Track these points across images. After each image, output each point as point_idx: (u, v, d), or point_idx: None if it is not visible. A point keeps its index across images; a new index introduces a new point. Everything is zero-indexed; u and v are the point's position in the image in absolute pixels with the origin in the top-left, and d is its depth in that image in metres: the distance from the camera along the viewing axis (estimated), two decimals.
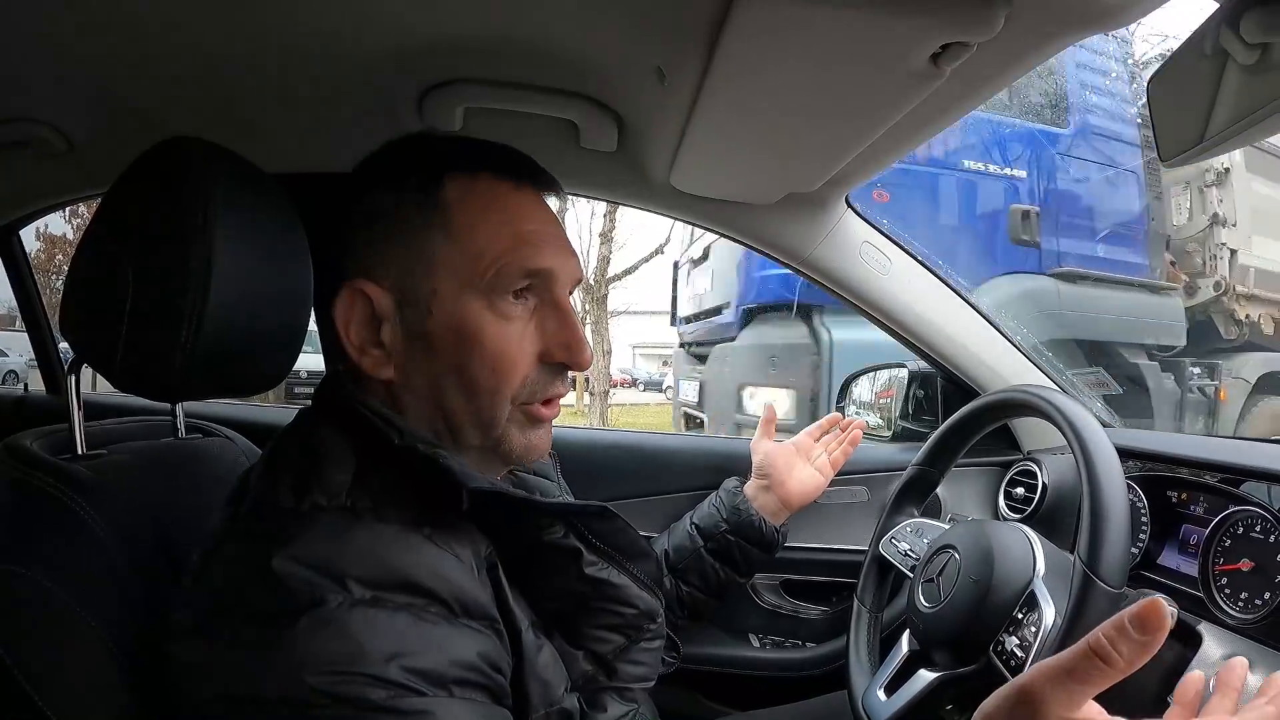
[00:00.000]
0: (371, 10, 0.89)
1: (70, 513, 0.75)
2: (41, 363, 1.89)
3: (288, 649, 0.59)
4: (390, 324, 0.74)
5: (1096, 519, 0.83)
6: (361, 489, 0.68)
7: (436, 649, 0.62)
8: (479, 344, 0.73)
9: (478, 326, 0.73)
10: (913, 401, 1.67)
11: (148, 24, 0.92)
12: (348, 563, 0.62)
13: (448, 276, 0.73)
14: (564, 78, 1.04)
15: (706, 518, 1.24)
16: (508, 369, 0.74)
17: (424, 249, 0.73)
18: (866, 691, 1.03)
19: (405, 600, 0.63)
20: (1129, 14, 0.69)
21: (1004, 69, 0.80)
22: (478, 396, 0.74)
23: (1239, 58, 0.63)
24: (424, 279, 0.73)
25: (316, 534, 0.64)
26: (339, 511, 0.66)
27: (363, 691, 0.58)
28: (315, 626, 0.59)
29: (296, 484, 0.68)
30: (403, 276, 0.73)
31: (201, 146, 0.78)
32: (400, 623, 0.62)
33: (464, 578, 0.67)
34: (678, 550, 1.21)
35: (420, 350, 0.74)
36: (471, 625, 0.66)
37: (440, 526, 0.69)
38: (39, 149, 1.23)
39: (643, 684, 0.86)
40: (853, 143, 0.99)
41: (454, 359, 0.73)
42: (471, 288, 0.73)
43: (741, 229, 1.38)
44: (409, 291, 0.73)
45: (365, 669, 0.58)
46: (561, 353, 0.77)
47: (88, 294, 0.79)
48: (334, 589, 0.61)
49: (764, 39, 0.73)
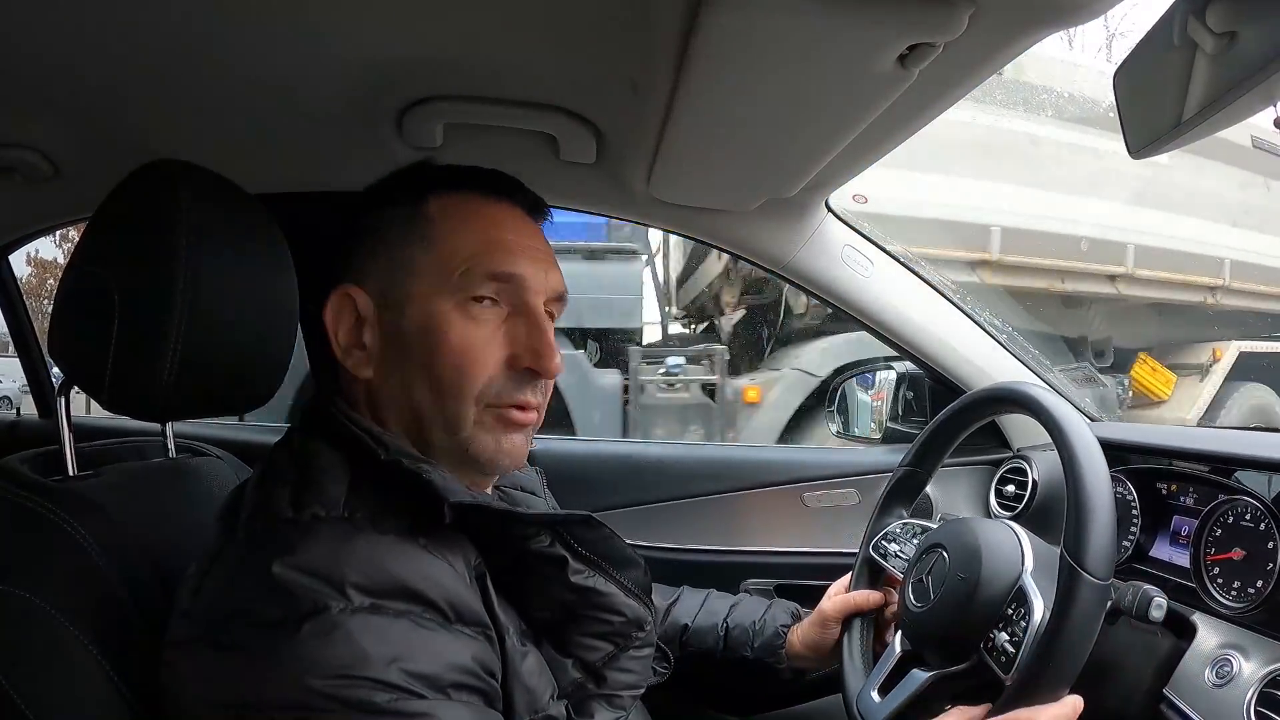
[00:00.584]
0: (348, 30, 0.90)
1: (62, 533, 0.75)
2: (33, 387, 1.89)
3: (291, 655, 0.60)
4: (370, 326, 0.77)
5: (1080, 510, 0.82)
6: (358, 500, 0.70)
7: (434, 654, 0.64)
8: (444, 342, 0.75)
9: (444, 326, 0.75)
10: (901, 402, 1.67)
11: (132, 48, 0.93)
12: (347, 571, 0.63)
13: (422, 280, 0.76)
14: (540, 91, 1.05)
15: (740, 632, 1.17)
16: (470, 367, 0.76)
17: (405, 257, 0.77)
18: (860, 693, 1.02)
19: (404, 607, 0.64)
20: (1093, 9, 0.70)
21: (973, 68, 0.81)
22: (443, 395, 0.76)
23: (1206, 47, 0.64)
24: (402, 284, 0.76)
25: (316, 543, 0.65)
26: (338, 522, 0.68)
27: (367, 695, 0.60)
28: (318, 633, 0.61)
29: (294, 496, 0.69)
30: (384, 281, 0.77)
31: (184, 168, 0.79)
32: (400, 628, 0.63)
33: (457, 585, 0.69)
34: (697, 633, 1.17)
35: (395, 350, 0.77)
36: (465, 631, 0.67)
37: (433, 536, 0.70)
38: (26, 174, 1.24)
39: (632, 692, 0.86)
40: (827, 146, 1.00)
41: (422, 357, 0.75)
42: (442, 290, 0.76)
43: (722, 236, 1.39)
44: (388, 295, 0.77)
45: (369, 673, 0.60)
46: (529, 358, 0.78)
47: (75, 317, 0.80)
48: (335, 596, 0.62)
49: (732, 46, 0.74)
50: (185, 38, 0.90)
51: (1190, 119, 0.68)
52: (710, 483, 1.47)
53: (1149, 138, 0.74)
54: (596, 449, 1.73)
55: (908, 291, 1.44)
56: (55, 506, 0.77)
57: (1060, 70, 5.27)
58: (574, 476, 1.26)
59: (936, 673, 0.93)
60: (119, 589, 0.76)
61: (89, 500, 0.80)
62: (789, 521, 1.29)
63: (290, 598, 0.62)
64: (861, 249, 1.40)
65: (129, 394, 0.78)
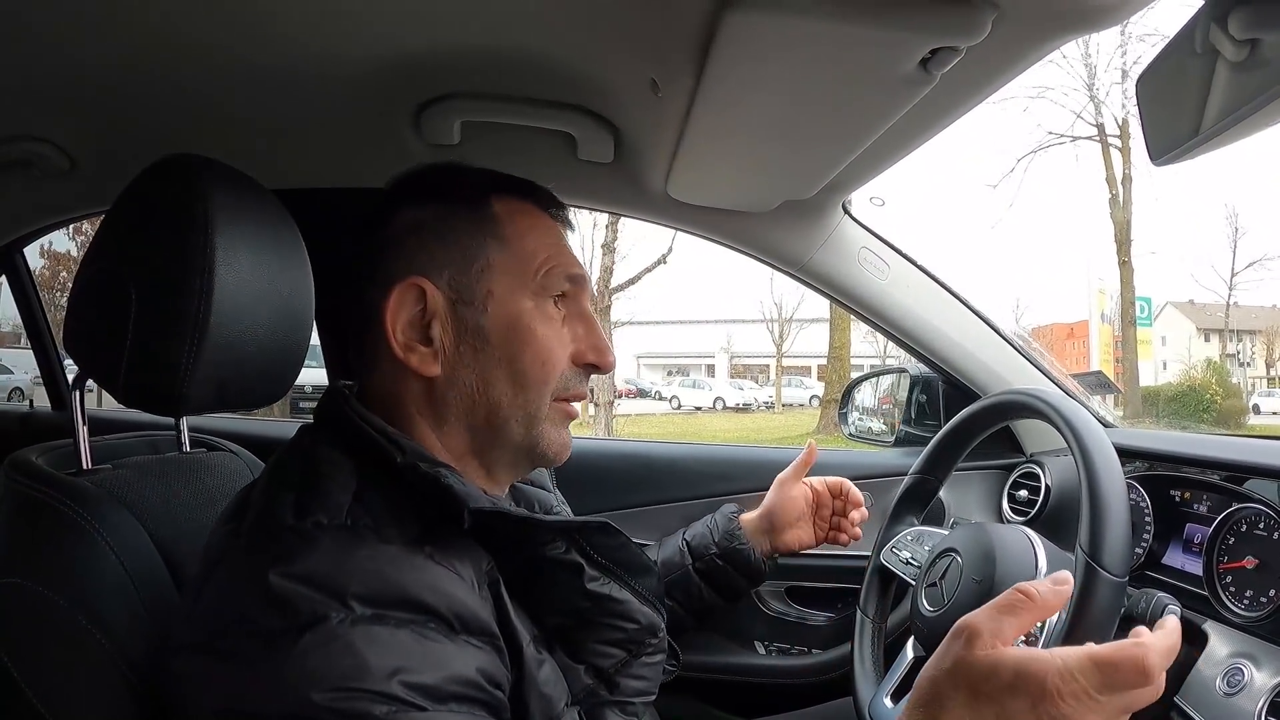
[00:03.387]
0: (367, 27, 0.90)
1: (75, 526, 0.75)
2: (46, 379, 1.90)
3: (290, 666, 0.60)
4: (441, 321, 0.77)
5: (1096, 509, 0.83)
6: (362, 508, 0.69)
7: (437, 665, 0.63)
8: (531, 339, 0.78)
9: (529, 323, 0.79)
10: (915, 406, 1.66)
11: (149, 42, 0.93)
12: (348, 580, 0.63)
13: (502, 277, 0.79)
14: (559, 90, 1.05)
15: (698, 537, 1.23)
16: (553, 363, 0.80)
17: (478, 252, 0.79)
18: (874, 699, 1.02)
19: (406, 617, 0.63)
20: (1118, 14, 0.70)
21: (996, 72, 0.81)
22: (526, 389, 0.79)
23: (1228, 55, 0.63)
24: (478, 279, 0.78)
25: (318, 552, 0.65)
26: (340, 530, 0.67)
27: (366, 707, 0.59)
28: (318, 644, 0.60)
29: (298, 502, 0.69)
30: (457, 276, 0.78)
31: (201, 163, 0.79)
32: (401, 639, 0.62)
33: (464, 594, 0.68)
34: (666, 564, 1.21)
35: (471, 346, 0.78)
36: (472, 641, 0.67)
37: (441, 544, 0.70)
38: (42, 167, 1.25)
39: (644, 698, 0.86)
40: (846, 149, 1.00)
41: (506, 352, 0.78)
42: (523, 288, 0.79)
43: (739, 238, 1.38)
44: (464, 290, 0.78)
45: (368, 685, 0.59)
46: (592, 354, 0.83)
47: (91, 310, 0.80)
48: (335, 606, 0.61)
49: (753, 49, 0.74)
50: (202, 32, 0.90)
51: (1212, 127, 0.68)
52: (720, 483, 1.46)
53: (1170, 146, 0.73)
54: (606, 447, 1.73)
55: (924, 295, 1.43)
56: (69, 500, 0.77)
57: None
58: (582, 475, 1.25)
59: None
60: (132, 582, 0.76)
61: (103, 494, 0.80)
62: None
63: (289, 608, 0.61)
64: (878, 251, 1.39)
65: (144, 388, 0.78)
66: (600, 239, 12.29)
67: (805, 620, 1.53)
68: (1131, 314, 15.34)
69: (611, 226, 11.85)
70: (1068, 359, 21.20)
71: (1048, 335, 21.92)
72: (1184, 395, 14.88)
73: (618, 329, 13.10)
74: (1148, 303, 16.44)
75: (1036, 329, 22.44)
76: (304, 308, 0.87)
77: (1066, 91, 16.41)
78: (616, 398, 13.30)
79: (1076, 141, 15.89)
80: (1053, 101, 17.49)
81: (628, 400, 21.31)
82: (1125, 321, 15.40)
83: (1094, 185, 15.46)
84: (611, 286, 12.25)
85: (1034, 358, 1.48)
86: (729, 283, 32.36)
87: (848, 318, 11.65)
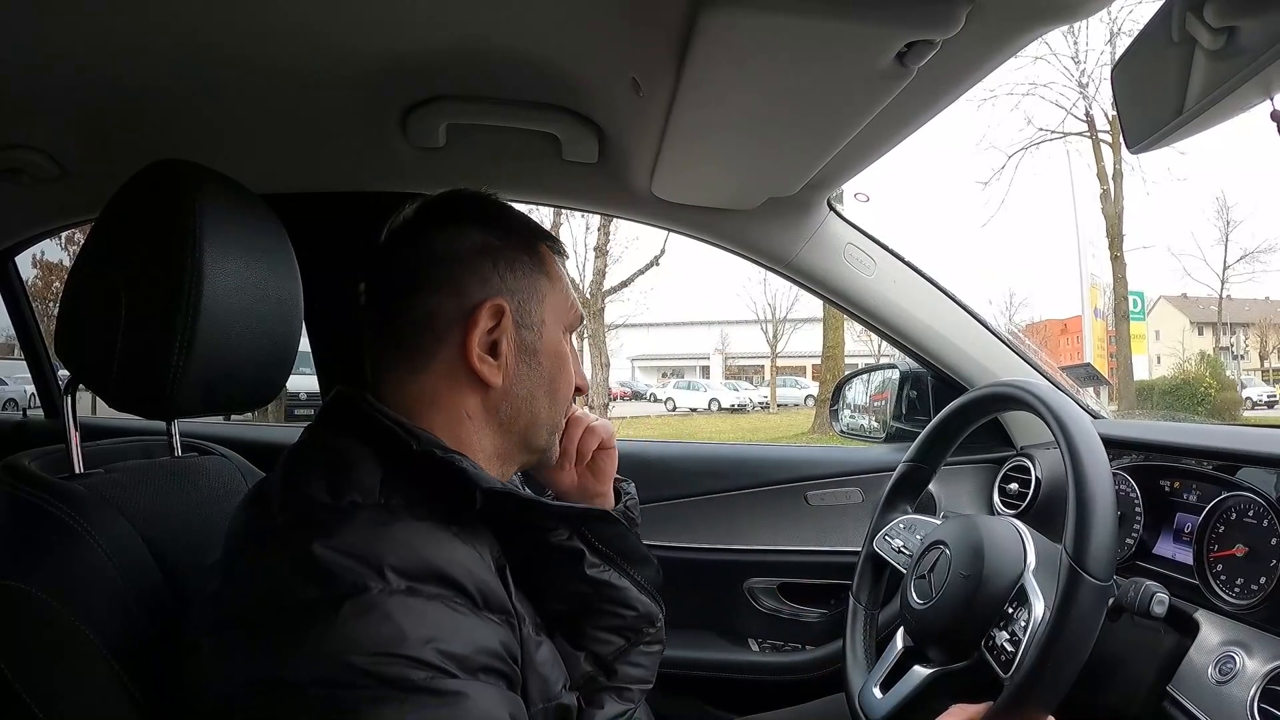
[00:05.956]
0: (353, 31, 0.91)
1: (69, 529, 0.76)
2: (39, 387, 1.90)
3: (330, 633, 0.62)
4: (509, 339, 0.83)
5: (1082, 511, 0.83)
6: (393, 489, 0.72)
7: (465, 637, 0.66)
8: (565, 364, 0.88)
9: (564, 352, 0.88)
10: (905, 402, 1.67)
11: (137, 50, 0.94)
12: (385, 553, 0.66)
13: (550, 310, 0.87)
14: (543, 91, 1.06)
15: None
16: (571, 386, 0.90)
17: (536, 286, 0.86)
18: (863, 689, 1.03)
19: (437, 591, 0.67)
20: (1091, 6, 0.71)
21: (973, 65, 0.81)
22: (557, 405, 0.88)
23: (1205, 42, 0.64)
24: (535, 308, 0.85)
25: (355, 527, 0.68)
26: (375, 508, 0.70)
27: (404, 672, 0.61)
28: (358, 612, 0.63)
29: (331, 484, 0.72)
30: (524, 303, 0.85)
31: (190, 168, 0.80)
32: (435, 611, 0.66)
33: (485, 573, 0.72)
34: None
35: (526, 364, 0.85)
36: (492, 617, 0.70)
37: (463, 525, 0.74)
38: (32, 175, 1.25)
39: (641, 686, 0.89)
40: (828, 145, 1.01)
41: (549, 373, 0.86)
42: (559, 321, 0.88)
43: (725, 236, 1.39)
44: (525, 316, 0.85)
45: (406, 651, 0.62)
46: (580, 380, 0.91)
47: (82, 316, 0.81)
48: (374, 577, 0.64)
49: (731, 47, 0.75)
50: (190, 39, 0.91)
51: (1189, 113, 0.69)
52: (713, 481, 1.47)
53: (1148, 133, 0.74)
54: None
55: (911, 290, 1.44)
56: (62, 503, 0.77)
57: None
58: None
59: (937, 670, 0.94)
60: (125, 585, 0.76)
61: (96, 497, 0.80)
62: (792, 520, 1.30)
63: (331, 577, 0.64)
64: (864, 247, 1.40)
65: (135, 391, 0.79)
66: (592, 242, 12.30)
67: (798, 617, 1.53)
68: (1124, 309, 15.33)
69: (603, 229, 11.86)
70: (1061, 354, 21.22)
71: (1041, 331, 21.87)
72: (1178, 389, 14.90)
73: (611, 332, 13.09)
74: (1141, 297, 16.40)
75: (1030, 325, 22.43)
76: (293, 311, 0.88)
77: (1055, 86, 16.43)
78: (611, 400, 13.31)
79: (1067, 138, 15.93)
80: (1042, 98, 17.51)
81: (623, 402, 21.29)
82: (1118, 316, 15.40)
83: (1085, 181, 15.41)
84: (604, 289, 12.24)
85: (1022, 351, 1.48)
86: (722, 284, 32.33)
87: (841, 317, 11.66)
